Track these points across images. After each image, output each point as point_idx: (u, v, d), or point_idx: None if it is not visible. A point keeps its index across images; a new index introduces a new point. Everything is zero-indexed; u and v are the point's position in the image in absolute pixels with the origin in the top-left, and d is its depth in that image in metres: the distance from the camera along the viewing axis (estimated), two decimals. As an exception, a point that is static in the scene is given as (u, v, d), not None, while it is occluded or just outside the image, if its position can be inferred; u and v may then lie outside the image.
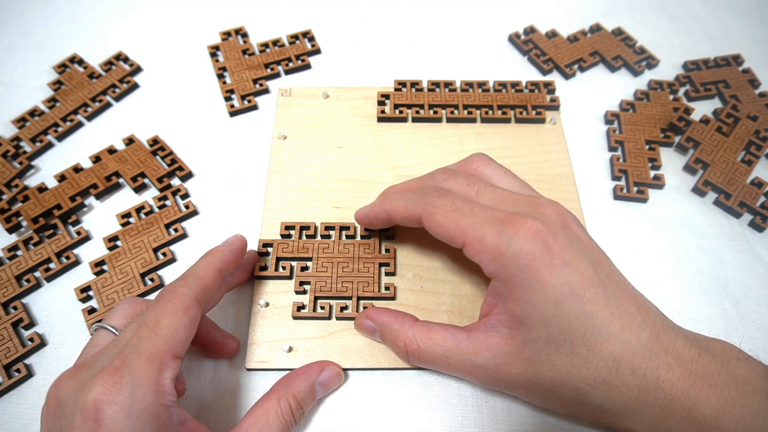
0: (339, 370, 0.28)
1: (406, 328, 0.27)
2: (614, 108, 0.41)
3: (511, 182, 0.27)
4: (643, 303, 0.23)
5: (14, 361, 0.30)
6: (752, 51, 0.44)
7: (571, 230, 0.23)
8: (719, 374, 0.21)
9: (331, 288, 0.31)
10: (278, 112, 0.39)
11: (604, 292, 0.21)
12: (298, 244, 0.33)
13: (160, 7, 0.47)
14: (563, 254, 0.22)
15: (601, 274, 0.22)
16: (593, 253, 0.23)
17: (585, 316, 0.21)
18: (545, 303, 0.21)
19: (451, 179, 0.27)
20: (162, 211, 0.35)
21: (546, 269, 0.21)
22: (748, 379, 0.21)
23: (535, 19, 0.46)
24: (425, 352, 0.26)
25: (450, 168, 0.28)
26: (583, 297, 0.21)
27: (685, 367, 0.21)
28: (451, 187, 0.26)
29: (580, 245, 0.23)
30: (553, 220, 0.23)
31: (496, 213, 0.24)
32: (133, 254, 0.33)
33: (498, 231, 0.23)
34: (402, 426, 0.28)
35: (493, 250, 0.23)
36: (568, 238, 0.22)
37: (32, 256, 0.33)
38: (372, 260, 0.32)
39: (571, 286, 0.21)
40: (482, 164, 0.28)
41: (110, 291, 0.32)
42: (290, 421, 0.25)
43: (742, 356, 0.23)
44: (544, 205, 0.24)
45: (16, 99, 0.41)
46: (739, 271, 0.33)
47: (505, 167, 0.28)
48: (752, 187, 0.36)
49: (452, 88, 0.40)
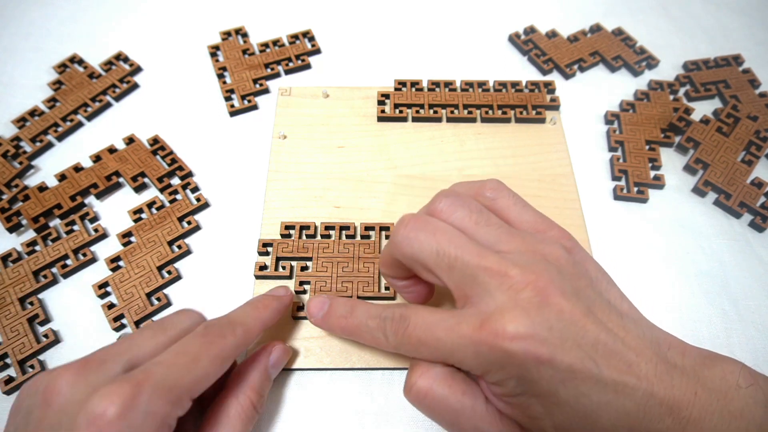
0: (285, 347, 0.28)
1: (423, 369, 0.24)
2: (614, 108, 0.41)
3: (486, 232, 0.24)
4: (636, 356, 0.21)
5: (28, 357, 0.30)
6: (752, 51, 0.44)
7: (550, 307, 0.21)
8: (713, 414, 0.21)
9: (331, 288, 0.31)
10: (278, 111, 0.39)
11: (596, 366, 0.21)
12: (298, 244, 0.33)
13: (160, 7, 0.47)
14: (546, 348, 0.20)
15: (588, 349, 0.21)
16: (577, 325, 0.21)
17: (581, 396, 0.21)
18: (542, 396, 0.21)
19: (416, 241, 0.23)
20: (174, 204, 0.35)
21: (534, 369, 0.21)
22: (743, 414, 0.21)
23: (535, 19, 0.46)
24: (432, 397, 0.23)
25: (412, 224, 0.24)
26: (575, 380, 0.21)
27: (677, 414, 0.20)
28: (417, 254, 0.24)
29: (562, 323, 0.21)
30: (528, 308, 0.21)
31: (465, 326, 0.22)
32: (149, 248, 0.33)
33: (473, 350, 0.21)
34: (402, 427, 0.28)
35: (474, 369, 0.22)
36: (548, 324, 0.21)
37: (50, 251, 0.33)
38: (372, 260, 0.32)
39: (561, 374, 0.21)
40: (452, 210, 0.25)
41: (128, 285, 0.32)
42: (252, 415, 0.25)
43: (744, 382, 0.21)
44: (519, 289, 0.22)
45: (16, 99, 0.41)
46: (739, 271, 0.33)
47: (476, 206, 0.25)
48: (752, 188, 0.36)
49: (452, 87, 0.40)
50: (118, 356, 0.22)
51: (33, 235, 0.34)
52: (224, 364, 0.23)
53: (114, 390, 0.19)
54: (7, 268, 0.33)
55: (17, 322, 0.31)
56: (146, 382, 0.20)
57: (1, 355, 0.30)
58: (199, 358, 0.22)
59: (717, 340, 0.31)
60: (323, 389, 0.29)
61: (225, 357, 0.23)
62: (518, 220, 0.26)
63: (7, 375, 0.29)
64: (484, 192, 0.26)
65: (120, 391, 0.19)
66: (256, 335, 0.26)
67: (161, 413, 0.20)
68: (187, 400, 0.22)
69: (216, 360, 0.23)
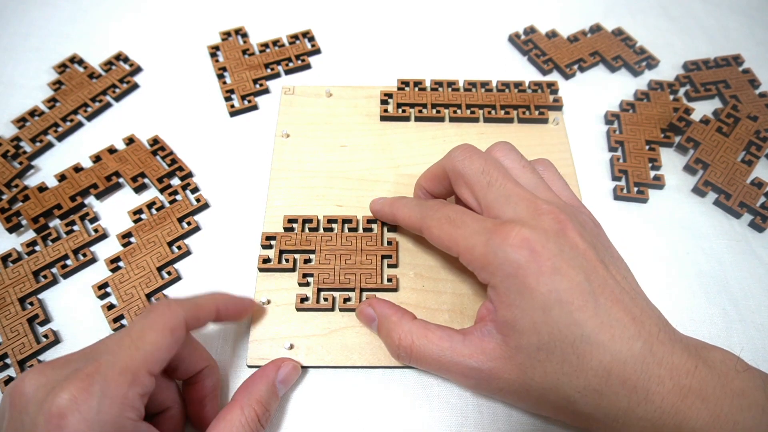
0: (295, 363, 0.28)
1: (404, 322, 0.27)
2: (614, 108, 0.41)
3: (529, 178, 0.27)
4: (640, 313, 0.22)
5: (28, 357, 0.30)
6: (752, 51, 0.44)
7: (566, 238, 0.23)
8: (714, 388, 0.21)
9: (334, 280, 0.31)
10: (281, 110, 0.39)
11: (594, 301, 0.21)
12: (301, 237, 0.33)
13: (160, 7, 0.47)
14: (551, 262, 0.22)
15: (594, 283, 0.22)
16: (588, 262, 0.23)
17: (574, 324, 0.21)
18: (534, 309, 0.22)
19: (468, 160, 0.27)
20: (173, 205, 0.35)
21: (532, 276, 0.22)
22: (745, 393, 0.21)
23: (535, 19, 0.46)
24: (418, 349, 0.26)
25: (470, 149, 0.27)
26: (572, 305, 0.21)
27: (677, 380, 0.21)
28: (464, 169, 0.26)
29: (574, 253, 0.23)
30: (547, 228, 0.23)
31: (486, 223, 0.24)
32: (149, 249, 0.33)
33: (486, 240, 0.23)
34: (402, 426, 0.28)
35: (482, 259, 0.24)
36: (559, 247, 0.22)
37: (50, 252, 0.33)
38: (375, 252, 0.32)
39: (558, 293, 0.21)
40: (504, 154, 0.28)
41: (128, 286, 0.32)
42: (256, 427, 0.25)
43: (741, 367, 0.22)
44: (543, 213, 0.24)
45: (16, 99, 0.41)
46: (739, 272, 0.33)
47: (526, 160, 0.28)
48: (752, 188, 0.36)
49: (455, 87, 0.40)
50: (82, 355, 0.23)
51: (33, 236, 0.34)
52: (174, 334, 0.23)
53: (65, 385, 0.20)
54: (7, 268, 0.33)
55: (17, 322, 0.31)
56: (95, 372, 0.21)
57: (1, 355, 0.30)
58: (143, 333, 0.22)
59: (717, 340, 0.31)
60: (324, 387, 0.29)
61: (172, 327, 0.23)
62: (559, 193, 0.27)
63: (7, 375, 0.29)
64: (537, 165, 0.29)
65: (70, 385, 0.20)
66: (208, 311, 0.26)
67: (119, 395, 0.21)
68: (146, 375, 0.22)
69: (163, 332, 0.23)
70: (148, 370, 0.22)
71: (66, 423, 0.20)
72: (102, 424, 0.20)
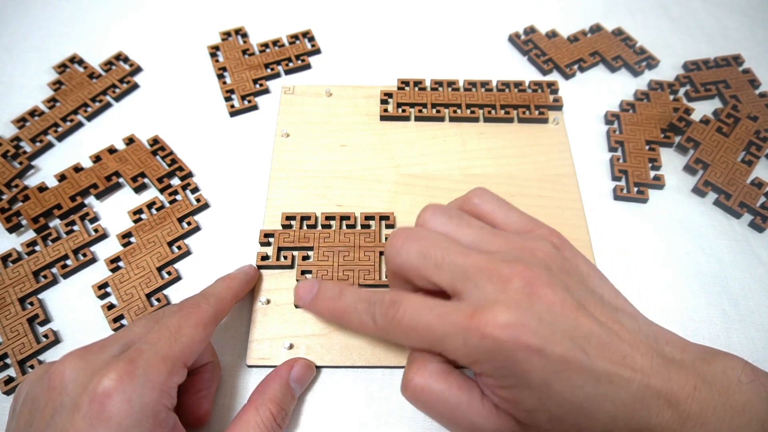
0: (308, 362, 0.29)
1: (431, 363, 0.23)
2: (614, 108, 0.41)
3: (469, 233, 0.25)
4: (630, 349, 0.21)
5: (28, 357, 0.30)
6: (752, 51, 0.44)
7: (539, 299, 0.21)
8: (714, 409, 0.20)
9: (332, 276, 0.31)
10: (281, 109, 0.39)
11: (588, 360, 0.20)
12: (299, 234, 0.33)
13: (160, 7, 0.47)
14: (536, 339, 0.20)
15: (579, 340, 0.21)
16: (568, 318, 0.21)
17: (576, 388, 0.21)
18: (535, 389, 0.21)
19: (403, 249, 0.24)
20: (174, 205, 0.35)
21: (524, 361, 0.20)
22: (746, 409, 0.21)
23: (535, 19, 0.46)
24: (429, 393, 0.23)
25: (401, 236, 0.24)
26: (568, 372, 0.20)
27: (675, 407, 0.20)
28: (404, 263, 0.24)
29: (552, 316, 0.21)
30: (518, 299, 0.21)
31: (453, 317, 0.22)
32: (149, 249, 0.33)
33: (463, 341, 0.21)
34: (402, 425, 0.28)
35: (466, 359, 0.22)
36: (537, 317, 0.21)
37: (50, 252, 0.33)
38: (372, 249, 0.32)
39: (553, 365, 0.20)
40: (432, 214, 0.25)
41: (128, 286, 0.32)
42: (273, 427, 0.25)
43: (746, 378, 0.21)
44: (507, 279, 0.21)
45: (16, 99, 0.41)
46: (739, 272, 0.33)
47: (455, 211, 0.25)
48: (752, 188, 0.36)
49: (455, 87, 0.40)
50: (115, 341, 0.24)
51: (33, 236, 0.34)
52: (206, 329, 0.25)
53: (111, 368, 0.21)
54: (7, 268, 0.33)
55: (17, 322, 0.31)
56: (139, 357, 0.22)
57: (1, 355, 0.30)
58: (181, 328, 0.24)
59: (717, 340, 0.31)
60: (324, 387, 0.29)
61: (205, 323, 0.25)
62: (505, 222, 0.26)
63: (7, 375, 0.29)
64: (470, 200, 0.27)
65: (116, 368, 0.21)
66: (230, 303, 0.28)
67: (159, 381, 0.22)
68: (181, 367, 0.23)
69: (197, 327, 0.25)
70: (184, 362, 0.23)
71: (110, 402, 0.21)
72: (143, 406, 0.21)
